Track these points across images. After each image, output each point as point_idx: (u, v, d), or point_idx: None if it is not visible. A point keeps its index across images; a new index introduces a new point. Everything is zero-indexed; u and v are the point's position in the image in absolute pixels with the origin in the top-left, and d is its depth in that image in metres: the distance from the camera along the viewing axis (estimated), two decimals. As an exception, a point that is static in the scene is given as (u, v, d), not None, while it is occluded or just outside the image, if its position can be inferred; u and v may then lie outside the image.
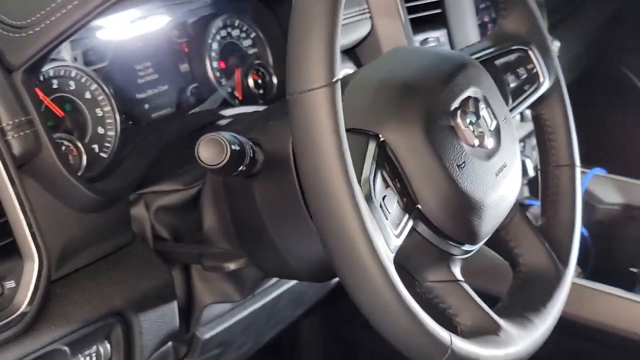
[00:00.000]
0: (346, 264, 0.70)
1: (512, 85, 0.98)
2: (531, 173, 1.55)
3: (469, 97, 0.85)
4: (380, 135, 0.79)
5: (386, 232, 0.73)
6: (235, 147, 0.76)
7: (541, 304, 0.91)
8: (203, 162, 0.75)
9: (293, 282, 1.16)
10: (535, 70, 1.00)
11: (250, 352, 1.28)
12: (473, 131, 0.83)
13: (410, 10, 1.27)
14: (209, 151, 0.74)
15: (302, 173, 0.69)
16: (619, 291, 1.33)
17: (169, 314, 0.95)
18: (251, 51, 1.19)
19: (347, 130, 0.76)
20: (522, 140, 1.57)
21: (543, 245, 0.96)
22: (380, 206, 0.74)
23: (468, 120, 0.83)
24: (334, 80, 0.67)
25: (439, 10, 1.17)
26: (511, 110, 0.97)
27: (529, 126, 1.55)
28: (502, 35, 1.00)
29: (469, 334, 0.82)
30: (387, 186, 0.77)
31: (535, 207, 1.56)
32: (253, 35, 1.20)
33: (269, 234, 0.89)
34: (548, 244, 0.97)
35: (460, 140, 0.82)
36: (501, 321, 0.84)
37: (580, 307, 1.29)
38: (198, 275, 0.99)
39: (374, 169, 0.75)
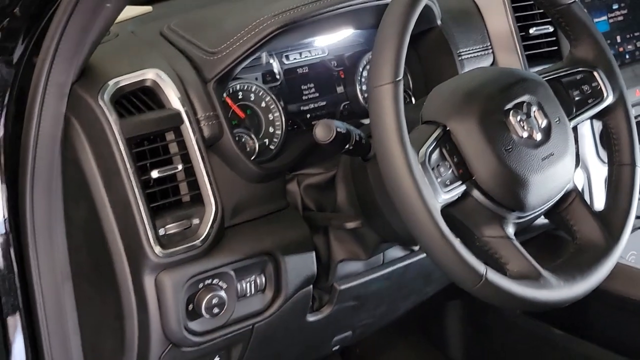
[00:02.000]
0: (405, 210, 1.01)
1: (577, 98, 1.24)
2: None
3: (523, 102, 1.13)
4: (446, 125, 1.10)
5: (435, 187, 1.03)
6: (341, 130, 1.10)
7: (587, 266, 1.15)
8: (317, 138, 1.10)
9: (419, 256, 1.45)
10: (599, 88, 1.25)
11: (389, 317, 1.59)
12: (523, 126, 1.11)
13: (530, 47, 1.55)
14: (320, 130, 1.09)
15: (375, 146, 1.02)
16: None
17: (308, 260, 1.29)
18: (396, 79, 1.54)
19: (424, 122, 1.09)
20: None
21: (598, 225, 1.20)
22: (433, 169, 1.04)
23: (519, 118, 1.11)
24: (397, 79, 1.01)
25: (555, 48, 1.42)
26: (574, 117, 1.23)
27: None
28: (573, 60, 1.27)
29: (514, 277, 1.08)
30: (444, 159, 1.07)
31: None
32: (398, 66, 1.54)
33: (379, 205, 1.22)
34: (604, 225, 1.20)
35: (510, 132, 1.10)
36: (544, 272, 1.10)
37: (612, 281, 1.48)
38: (334, 237, 1.33)
39: (433, 146, 1.06)
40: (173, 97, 1.18)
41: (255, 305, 1.27)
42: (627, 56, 1.73)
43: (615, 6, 1.71)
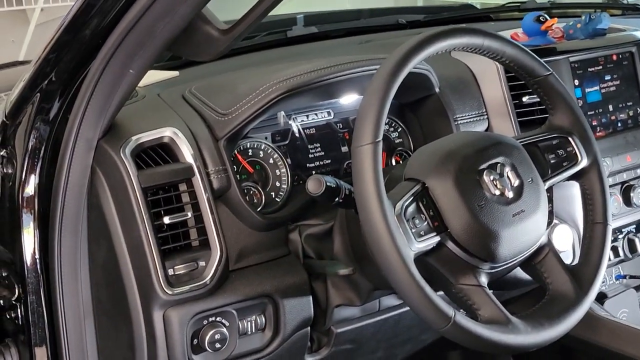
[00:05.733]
0: (381, 257, 1.13)
1: (552, 161, 1.35)
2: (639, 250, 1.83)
3: (496, 163, 1.25)
4: (425, 182, 1.22)
5: (409, 236, 1.15)
6: (331, 185, 1.24)
7: (555, 316, 1.25)
8: (308, 191, 1.23)
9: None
10: (574, 152, 1.37)
11: (386, 363, 1.69)
12: (496, 185, 1.23)
13: (523, 114, 1.68)
14: (312, 184, 1.22)
15: (356, 200, 1.15)
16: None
17: (305, 304, 1.42)
18: (397, 140, 1.67)
19: (406, 179, 1.22)
20: (636, 223, 1.86)
21: (570, 279, 1.30)
22: (408, 221, 1.17)
23: (492, 177, 1.23)
24: (377, 140, 1.14)
25: (547, 115, 1.54)
26: (549, 178, 1.34)
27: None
28: (550, 127, 1.40)
29: (484, 322, 1.19)
30: (421, 212, 1.19)
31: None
32: (399, 129, 1.67)
33: (369, 254, 1.35)
34: (575, 278, 1.30)
35: (484, 189, 1.22)
36: (514, 318, 1.21)
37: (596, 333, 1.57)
38: (332, 283, 1.45)
39: (410, 200, 1.19)
40: (187, 153, 1.33)
41: (256, 343, 1.39)
42: (619, 124, 1.84)
43: (607, 77, 1.83)
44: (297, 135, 1.55)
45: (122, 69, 1.21)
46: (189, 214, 1.32)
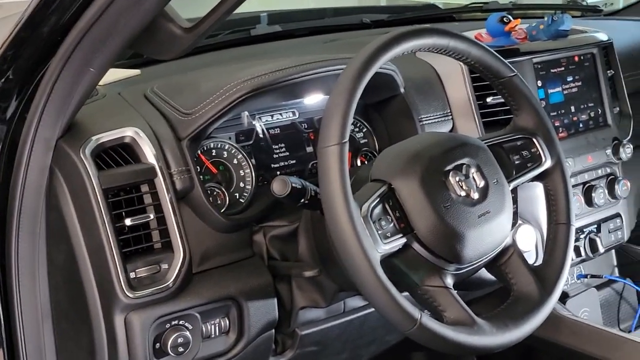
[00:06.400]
0: (347, 258, 1.12)
1: (517, 162, 1.35)
2: (600, 250, 1.84)
3: (462, 164, 1.25)
4: (391, 183, 1.21)
5: (375, 238, 1.14)
6: (296, 186, 1.22)
7: (520, 316, 1.25)
8: (273, 192, 1.22)
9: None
10: (538, 153, 1.37)
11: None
12: (461, 186, 1.23)
13: (487, 114, 1.68)
14: (277, 185, 1.21)
15: (322, 201, 1.14)
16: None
17: (270, 306, 1.40)
18: (362, 141, 1.66)
19: (372, 180, 1.21)
20: (597, 223, 1.88)
21: (534, 279, 1.30)
22: (374, 222, 1.16)
23: (457, 179, 1.23)
24: (343, 141, 1.13)
25: (511, 116, 1.54)
26: (514, 179, 1.34)
27: (603, 213, 1.87)
28: (515, 128, 1.40)
29: (449, 323, 1.19)
30: (387, 213, 1.18)
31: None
32: (365, 129, 1.66)
33: (335, 255, 1.33)
34: (539, 279, 1.31)
35: (449, 191, 1.22)
36: (479, 319, 1.20)
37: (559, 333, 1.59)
38: (296, 285, 1.44)
39: (376, 201, 1.18)
40: (149, 153, 1.30)
41: (219, 346, 1.37)
42: (581, 125, 1.86)
43: (569, 78, 1.84)
44: (262, 135, 1.53)
45: (82, 67, 1.18)
46: (151, 216, 1.29)
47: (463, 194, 1.23)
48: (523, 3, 2.82)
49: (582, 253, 1.85)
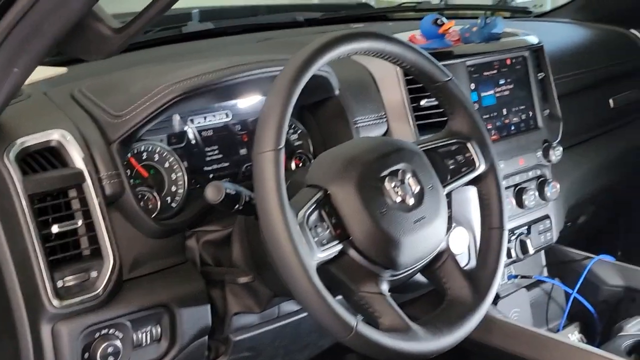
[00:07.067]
0: (282, 266, 1.10)
1: (451, 167, 1.36)
2: (530, 251, 1.88)
3: (398, 169, 1.24)
4: (327, 189, 1.20)
5: (311, 245, 1.13)
6: (230, 192, 1.20)
7: (454, 321, 1.26)
8: (207, 198, 1.19)
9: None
10: (472, 158, 1.38)
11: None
12: (397, 192, 1.22)
13: (422, 117, 1.68)
14: (210, 191, 1.18)
15: (257, 208, 1.12)
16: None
17: (203, 313, 1.37)
18: (297, 143, 1.64)
19: (308, 186, 1.19)
20: (528, 225, 1.91)
21: (468, 283, 1.31)
22: (310, 229, 1.14)
23: (393, 184, 1.22)
24: (279, 147, 1.11)
25: (445, 118, 1.54)
26: (448, 184, 1.34)
27: (533, 215, 1.90)
28: (449, 132, 1.40)
29: (385, 330, 1.18)
30: (323, 220, 1.17)
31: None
32: (299, 132, 1.64)
33: (269, 261, 1.31)
34: (472, 283, 1.31)
35: (385, 196, 1.21)
36: (414, 325, 1.20)
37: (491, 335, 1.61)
38: (230, 291, 1.41)
39: (312, 208, 1.16)
40: (76, 157, 1.26)
41: (151, 354, 1.34)
42: (513, 128, 1.88)
43: (501, 81, 1.86)
44: (194, 138, 1.50)
45: (6, 67, 1.12)
46: (80, 222, 1.25)
47: (399, 199, 1.22)
48: (455, 3, 2.85)
49: (513, 254, 1.87)
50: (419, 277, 1.37)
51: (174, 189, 1.45)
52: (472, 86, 1.80)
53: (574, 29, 2.59)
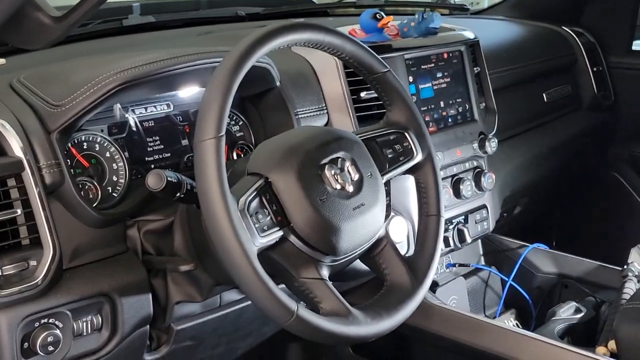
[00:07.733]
0: (223, 252, 1.12)
1: (390, 156, 1.39)
2: (468, 240, 1.93)
3: (337, 158, 1.27)
4: (268, 177, 1.22)
5: (252, 232, 1.14)
6: (172, 180, 1.21)
7: (392, 306, 1.29)
8: (148, 186, 1.20)
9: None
10: (410, 147, 1.41)
11: (227, 357, 1.68)
12: (337, 179, 1.25)
13: (362, 109, 1.72)
14: (152, 179, 1.19)
15: (199, 195, 1.13)
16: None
17: (144, 302, 1.38)
18: (238, 134, 1.66)
19: (249, 174, 1.21)
20: (465, 214, 1.96)
21: (406, 269, 1.34)
22: (251, 216, 1.16)
23: (333, 172, 1.25)
24: (220, 135, 1.12)
25: (384, 110, 1.57)
26: (387, 172, 1.38)
27: (470, 205, 1.95)
28: (388, 122, 1.43)
29: (325, 314, 1.21)
30: (264, 207, 1.19)
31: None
32: (241, 123, 1.66)
33: (211, 249, 1.33)
34: (411, 269, 1.35)
35: (325, 184, 1.24)
36: (354, 310, 1.23)
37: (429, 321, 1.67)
38: (172, 280, 1.42)
39: (253, 195, 1.18)
40: (15, 146, 1.25)
41: (92, 344, 1.34)
42: (450, 120, 1.92)
43: (439, 74, 1.90)
44: (135, 128, 1.50)
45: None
46: (19, 211, 1.24)
47: (338, 187, 1.25)
48: (394, 0, 2.89)
49: (451, 243, 1.92)
50: (358, 266, 1.40)
51: (115, 178, 1.45)
52: (410, 79, 1.84)
53: (508, 26, 2.66)
